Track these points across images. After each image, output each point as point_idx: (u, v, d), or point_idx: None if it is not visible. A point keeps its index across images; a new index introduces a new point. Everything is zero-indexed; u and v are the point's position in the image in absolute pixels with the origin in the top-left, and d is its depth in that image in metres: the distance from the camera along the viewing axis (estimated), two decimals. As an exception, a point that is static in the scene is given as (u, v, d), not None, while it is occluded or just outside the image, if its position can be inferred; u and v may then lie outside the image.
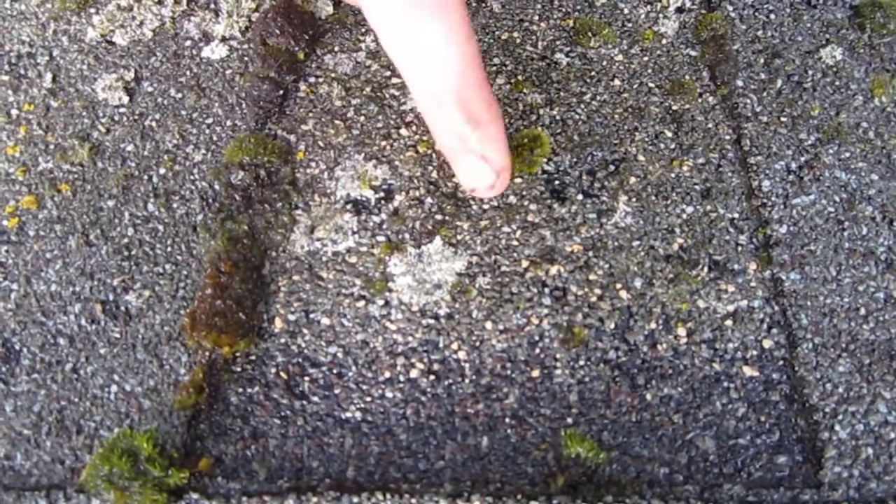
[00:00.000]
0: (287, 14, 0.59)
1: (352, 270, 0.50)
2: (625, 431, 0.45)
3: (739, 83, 0.57)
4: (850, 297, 0.49)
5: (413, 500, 0.42)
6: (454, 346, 0.48)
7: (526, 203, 0.52)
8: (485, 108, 0.43)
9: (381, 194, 0.53)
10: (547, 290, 0.49)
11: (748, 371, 0.46)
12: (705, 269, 0.50)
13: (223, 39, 0.60)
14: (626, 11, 0.61)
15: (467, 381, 0.47)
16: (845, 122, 0.55)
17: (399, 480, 0.44)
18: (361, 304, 0.49)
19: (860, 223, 0.51)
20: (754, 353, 0.47)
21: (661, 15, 0.61)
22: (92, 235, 0.52)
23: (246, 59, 0.60)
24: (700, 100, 0.56)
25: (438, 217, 0.52)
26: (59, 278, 0.51)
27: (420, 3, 0.39)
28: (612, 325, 0.48)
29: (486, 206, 0.52)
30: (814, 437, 0.44)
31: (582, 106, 0.56)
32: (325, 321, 0.49)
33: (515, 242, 0.51)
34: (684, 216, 0.52)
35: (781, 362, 0.47)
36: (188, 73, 0.59)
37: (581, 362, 0.47)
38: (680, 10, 0.61)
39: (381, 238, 0.51)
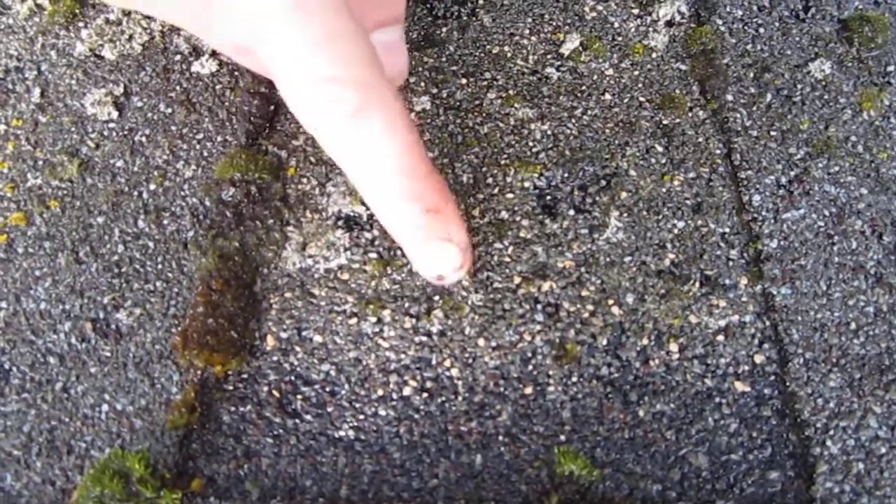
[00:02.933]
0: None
1: (344, 287, 0.50)
2: (618, 448, 0.45)
3: (729, 97, 0.57)
4: (841, 312, 0.49)
5: (407, 520, 0.42)
6: (447, 363, 0.47)
7: (518, 219, 0.52)
8: (438, 194, 0.42)
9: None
10: (539, 307, 0.49)
11: (740, 386, 0.47)
12: (697, 284, 0.50)
13: (213, 54, 0.60)
14: (616, 25, 0.62)
15: (460, 398, 0.47)
16: (834, 136, 0.55)
17: (393, 499, 0.44)
18: (354, 321, 0.49)
19: (850, 237, 0.51)
20: (746, 368, 0.47)
21: (650, 29, 0.61)
22: (82, 252, 0.52)
23: (236, 73, 0.59)
24: (690, 114, 0.57)
25: (430, 233, 0.52)
26: (48, 296, 0.50)
27: (358, 108, 0.38)
28: (605, 342, 0.48)
29: (477, 223, 0.52)
30: (805, 452, 0.45)
31: (573, 120, 0.56)
32: (318, 339, 0.49)
33: (507, 258, 0.51)
34: (675, 231, 0.52)
35: (773, 377, 0.47)
36: (178, 87, 0.59)
37: (574, 379, 0.47)
38: (670, 23, 0.62)
39: (373, 255, 0.51)
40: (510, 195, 0.53)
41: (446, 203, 0.43)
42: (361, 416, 0.46)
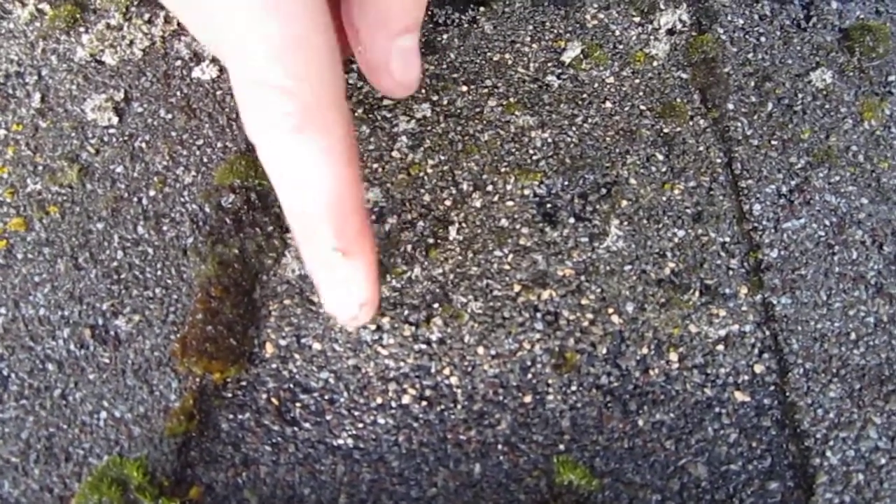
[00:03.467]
0: (278, 34, 0.59)
1: (343, 295, 0.50)
2: (617, 458, 0.45)
3: (730, 106, 0.57)
4: (841, 322, 0.49)
5: (405, 530, 0.42)
6: (446, 371, 0.47)
7: (518, 226, 0.52)
8: (355, 236, 0.41)
9: (373, 217, 0.53)
10: (539, 315, 0.49)
11: (740, 396, 0.47)
12: (697, 293, 0.50)
13: (214, 60, 0.60)
14: (617, 33, 0.62)
15: (459, 406, 0.46)
16: (835, 145, 0.55)
17: (391, 508, 0.44)
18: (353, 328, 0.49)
19: (850, 247, 0.51)
20: (746, 378, 0.47)
21: (652, 37, 0.61)
22: (81, 258, 0.52)
23: (237, 79, 0.59)
24: (691, 123, 0.57)
25: (431, 241, 0.52)
26: (47, 302, 0.50)
27: (300, 125, 0.36)
28: (604, 351, 0.48)
29: (478, 230, 0.52)
30: (805, 463, 0.44)
31: (574, 128, 0.56)
32: (317, 346, 0.48)
33: (507, 266, 0.51)
34: (676, 240, 0.52)
35: (773, 387, 0.47)
36: (178, 93, 0.59)
37: (573, 388, 0.47)
38: (671, 32, 0.62)
39: (372, 262, 0.51)
40: (510, 203, 0.53)
41: (361, 248, 0.42)
42: (360, 425, 0.46)
